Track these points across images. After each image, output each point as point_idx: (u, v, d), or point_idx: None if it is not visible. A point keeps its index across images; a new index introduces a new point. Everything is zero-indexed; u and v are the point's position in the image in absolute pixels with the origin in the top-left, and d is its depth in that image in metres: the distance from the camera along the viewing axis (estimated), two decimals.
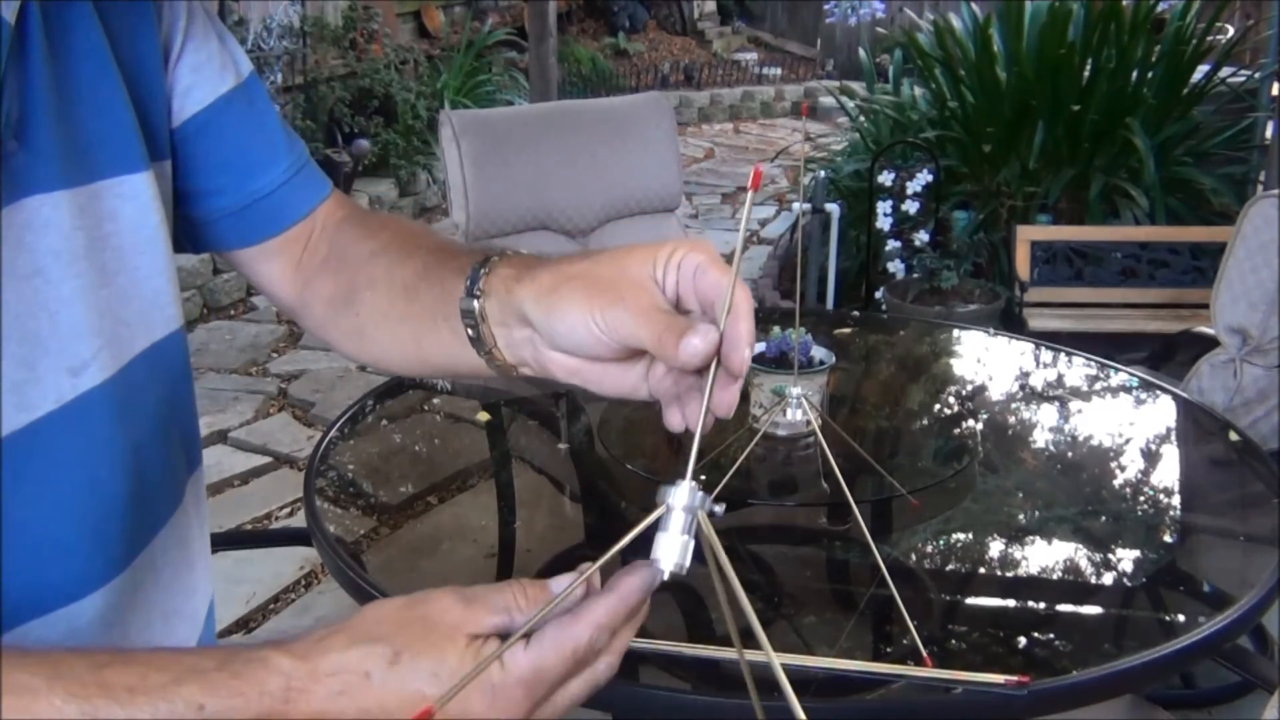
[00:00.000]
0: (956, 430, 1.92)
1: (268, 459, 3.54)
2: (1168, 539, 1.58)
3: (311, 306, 0.89)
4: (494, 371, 0.74)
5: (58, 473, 0.64)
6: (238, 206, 0.85)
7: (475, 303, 0.70)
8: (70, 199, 0.66)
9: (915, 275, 3.95)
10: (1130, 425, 1.94)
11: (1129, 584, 1.46)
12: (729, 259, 0.61)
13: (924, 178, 4.07)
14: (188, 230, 0.84)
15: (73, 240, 0.66)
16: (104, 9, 0.71)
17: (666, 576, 0.62)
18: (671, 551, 0.61)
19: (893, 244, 4.12)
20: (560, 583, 0.60)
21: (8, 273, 0.62)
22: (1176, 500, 1.70)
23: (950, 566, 1.51)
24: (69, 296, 0.65)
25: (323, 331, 0.90)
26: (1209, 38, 4.43)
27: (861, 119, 5.07)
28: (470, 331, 0.71)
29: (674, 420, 0.68)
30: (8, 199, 0.62)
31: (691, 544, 0.62)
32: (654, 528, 0.61)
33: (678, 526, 0.61)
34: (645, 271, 0.63)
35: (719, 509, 0.62)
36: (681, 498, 0.61)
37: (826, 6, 7.83)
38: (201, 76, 0.81)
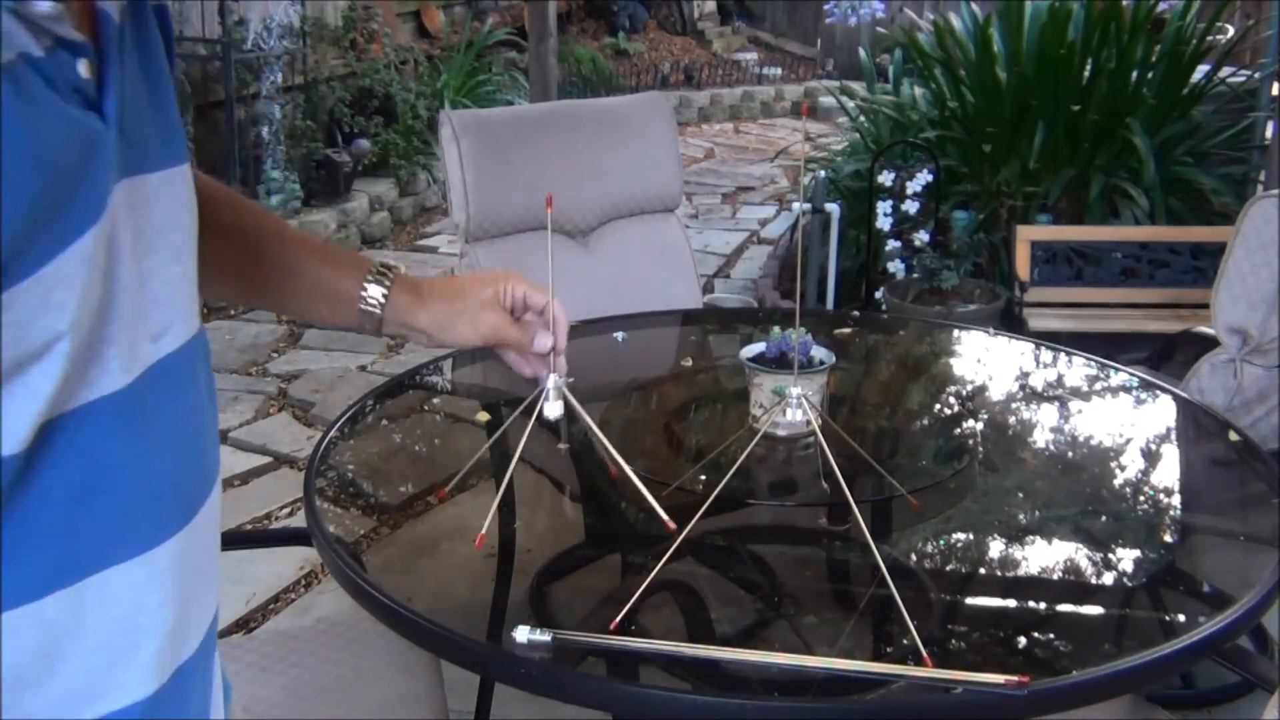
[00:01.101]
0: (956, 430, 1.92)
1: (268, 459, 3.55)
2: (1168, 539, 1.58)
3: None
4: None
5: (148, 428, 0.71)
6: None
7: (379, 311, 1.11)
8: (151, 182, 0.73)
9: (915, 275, 3.95)
10: (1130, 425, 1.94)
11: (1129, 584, 1.46)
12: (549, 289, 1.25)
13: (924, 178, 4.07)
14: None
15: (154, 219, 0.73)
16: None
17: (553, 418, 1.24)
18: (554, 410, 1.24)
19: (893, 244, 4.12)
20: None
21: (119, 246, 0.69)
22: (1176, 500, 1.70)
23: (950, 566, 1.51)
24: (149, 271, 0.72)
25: None
26: (1209, 38, 4.43)
27: (861, 119, 5.07)
28: (366, 325, 1.12)
29: (526, 371, 1.27)
30: (116, 177, 0.69)
31: (561, 406, 1.24)
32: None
33: (552, 396, 1.24)
34: (499, 301, 1.18)
35: (565, 382, 1.25)
36: (553, 380, 1.24)
37: (826, 6, 7.82)
38: None
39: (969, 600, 1.46)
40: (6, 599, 0.63)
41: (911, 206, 4.07)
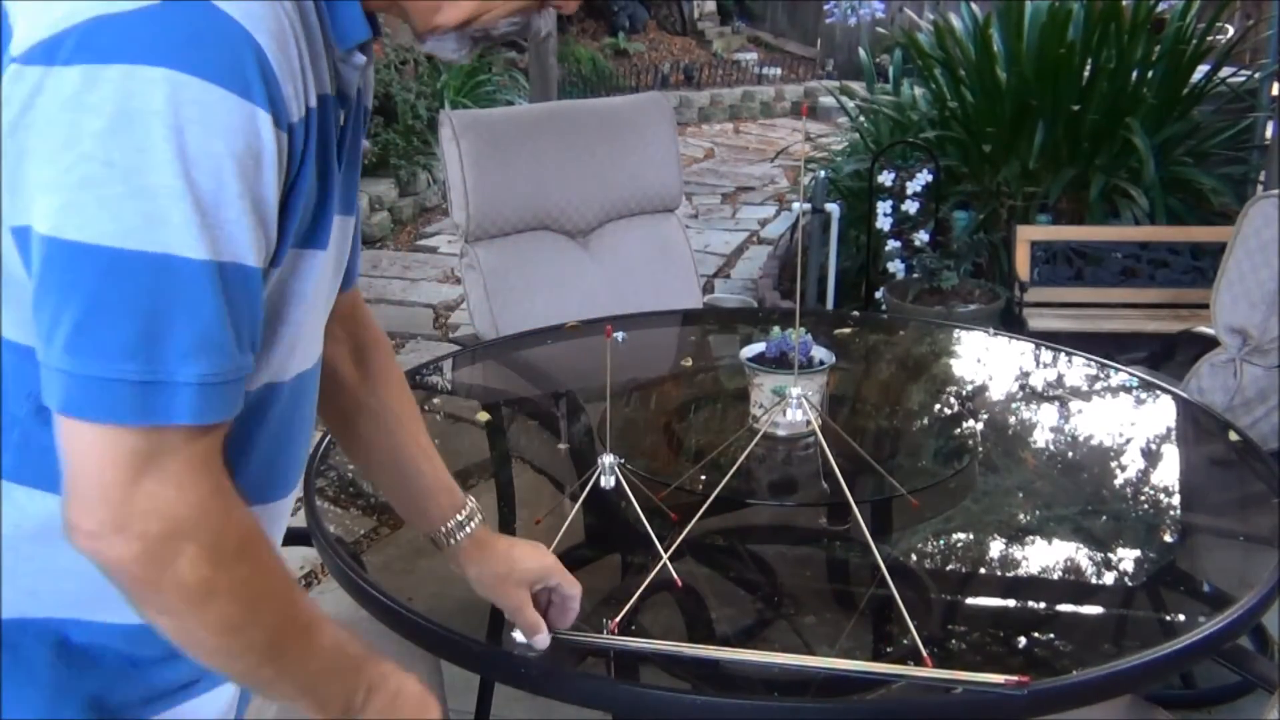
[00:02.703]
0: (956, 430, 1.92)
1: None
2: (1168, 539, 1.58)
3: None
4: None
5: (305, 407, 0.92)
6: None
7: (449, 544, 1.18)
8: (339, 222, 0.89)
9: (915, 275, 3.95)
10: (1130, 425, 1.94)
11: (1129, 584, 1.46)
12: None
13: (924, 178, 4.06)
14: None
15: (333, 255, 0.89)
16: None
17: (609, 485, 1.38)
18: (608, 482, 1.37)
19: (893, 244, 4.11)
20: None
21: (326, 269, 0.88)
22: (1176, 500, 1.70)
23: (950, 566, 1.51)
24: (329, 293, 0.92)
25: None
26: (1209, 38, 4.43)
27: (861, 119, 5.07)
28: (432, 541, 1.19)
29: (517, 622, 1.19)
30: (332, 213, 0.85)
31: (613, 480, 1.37)
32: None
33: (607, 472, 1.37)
34: (530, 588, 1.18)
35: (618, 460, 1.39)
36: (609, 459, 1.37)
37: (826, 6, 7.82)
38: None
39: (969, 600, 1.46)
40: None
41: (911, 206, 4.07)
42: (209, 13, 0.69)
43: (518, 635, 1.19)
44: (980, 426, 1.88)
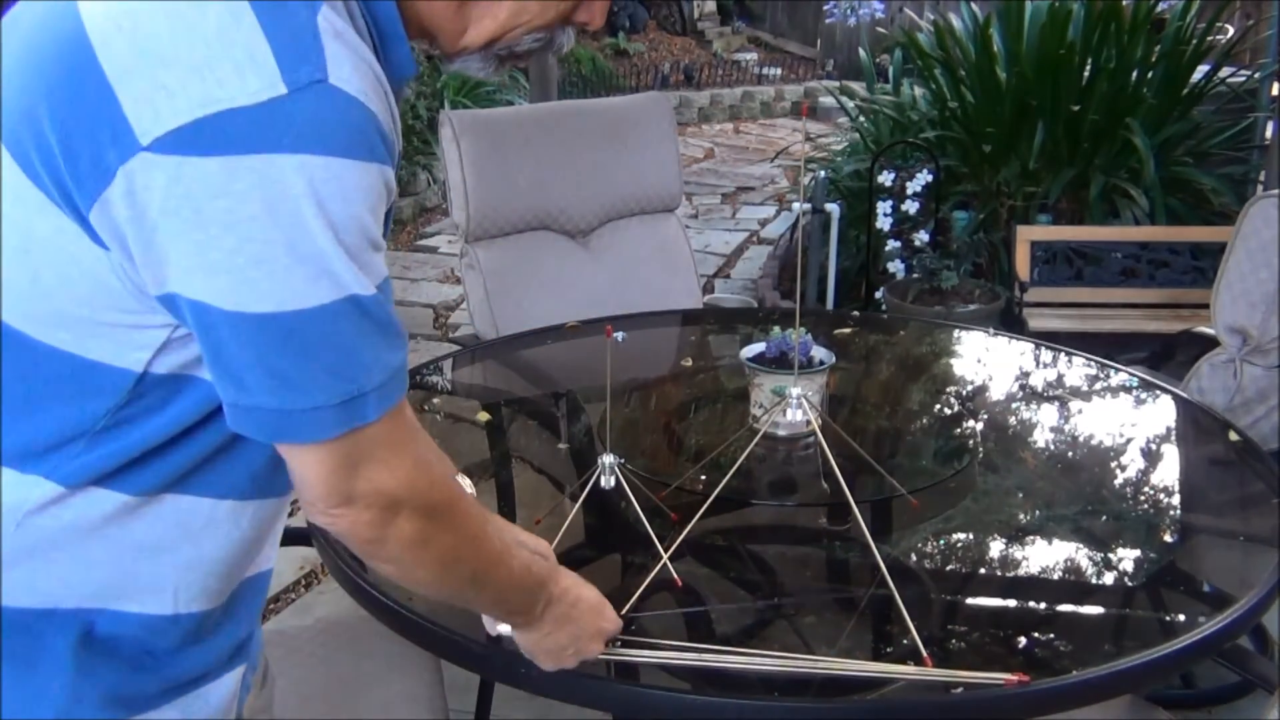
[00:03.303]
0: (956, 430, 1.92)
1: None
2: (1168, 539, 1.58)
3: None
4: None
5: None
6: None
7: None
8: None
9: (915, 275, 3.95)
10: (1130, 425, 1.94)
11: (1129, 584, 1.46)
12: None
13: (924, 178, 4.06)
14: None
15: None
16: None
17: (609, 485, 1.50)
18: (608, 481, 1.48)
19: (893, 244, 4.11)
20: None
21: None
22: (1176, 500, 1.70)
23: (950, 566, 1.51)
24: None
25: None
26: (1209, 38, 4.42)
27: (861, 119, 5.07)
28: None
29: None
30: (388, 233, 0.91)
31: (613, 480, 1.49)
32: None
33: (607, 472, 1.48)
34: None
35: (618, 460, 1.50)
36: (610, 459, 1.47)
37: (826, 6, 7.82)
38: None
39: (969, 600, 1.46)
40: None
41: (911, 206, 4.07)
42: (331, 95, 0.76)
43: (504, 629, 1.18)
44: (980, 426, 1.88)
